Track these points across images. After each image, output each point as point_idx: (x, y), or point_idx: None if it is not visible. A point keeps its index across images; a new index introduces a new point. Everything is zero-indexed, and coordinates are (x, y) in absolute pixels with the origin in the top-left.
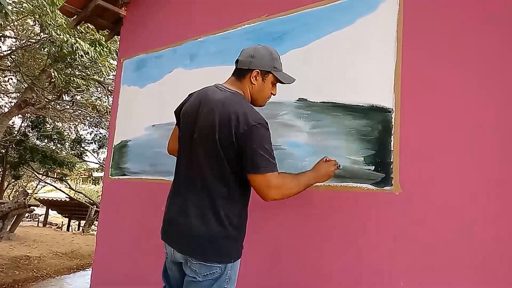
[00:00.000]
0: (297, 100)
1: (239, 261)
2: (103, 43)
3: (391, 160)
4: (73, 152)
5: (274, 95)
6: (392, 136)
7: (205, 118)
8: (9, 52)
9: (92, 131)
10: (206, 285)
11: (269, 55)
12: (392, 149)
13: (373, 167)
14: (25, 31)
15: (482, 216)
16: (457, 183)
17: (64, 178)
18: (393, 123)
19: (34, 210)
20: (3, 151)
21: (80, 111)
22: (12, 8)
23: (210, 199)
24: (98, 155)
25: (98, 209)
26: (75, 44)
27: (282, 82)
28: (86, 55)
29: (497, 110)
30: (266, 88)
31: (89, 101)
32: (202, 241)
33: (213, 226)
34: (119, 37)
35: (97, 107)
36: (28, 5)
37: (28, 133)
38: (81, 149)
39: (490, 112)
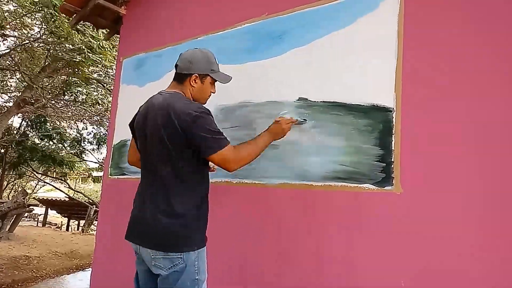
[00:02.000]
0: (298, 100)
1: (204, 250)
2: (100, 39)
3: (392, 160)
4: (72, 151)
5: (213, 93)
6: (393, 136)
7: (151, 121)
8: (8, 50)
9: (91, 131)
10: (174, 278)
11: (206, 58)
12: (393, 148)
13: (374, 166)
14: (24, 29)
15: (482, 216)
16: (457, 183)
17: (63, 178)
18: (394, 123)
19: (34, 210)
20: (3, 150)
21: (79, 110)
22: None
23: (165, 193)
24: (98, 151)
25: (98, 209)
26: (77, 39)
27: (221, 81)
28: (88, 51)
29: (497, 109)
30: (206, 88)
31: (89, 100)
32: (161, 233)
33: (170, 218)
34: (118, 36)
35: (97, 105)
36: (28, 4)
37: (28, 133)
38: (81, 148)
39: (490, 112)
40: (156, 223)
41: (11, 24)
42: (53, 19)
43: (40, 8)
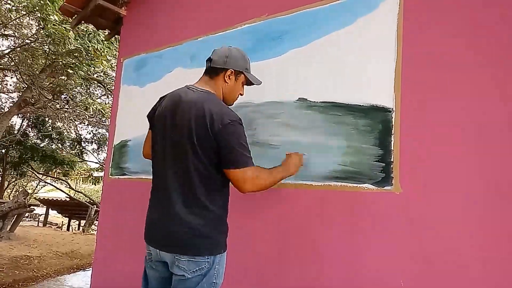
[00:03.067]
0: (297, 100)
1: (225, 255)
2: (101, 37)
3: (391, 160)
4: (73, 151)
5: (242, 95)
6: (392, 136)
7: (181, 118)
8: (8, 51)
9: (91, 131)
10: (195, 281)
11: (242, 56)
12: (392, 148)
13: (373, 166)
14: (24, 29)
15: (482, 215)
16: (457, 183)
17: (64, 178)
18: (393, 123)
19: (34, 210)
20: (3, 150)
21: (79, 111)
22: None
23: (193, 195)
24: (98, 154)
25: (98, 209)
26: (75, 40)
27: (251, 83)
28: (86, 51)
29: (497, 110)
30: (237, 87)
31: (88, 101)
32: (190, 238)
33: (199, 221)
34: (119, 36)
35: (96, 108)
36: (28, 3)
37: (29, 133)
38: (81, 148)
39: (490, 112)
40: (186, 228)
41: (10, 24)
42: (46, 23)
43: (36, 10)
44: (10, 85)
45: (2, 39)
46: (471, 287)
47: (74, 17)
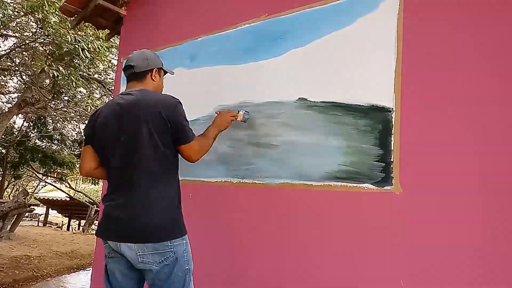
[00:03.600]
0: (297, 100)
1: (188, 240)
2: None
3: (391, 160)
4: (73, 152)
5: (163, 87)
6: (392, 136)
7: (129, 119)
8: (8, 51)
9: None
10: (167, 272)
11: (155, 55)
12: (392, 148)
13: (373, 166)
14: (24, 29)
15: (482, 215)
16: (457, 183)
17: (64, 178)
18: (393, 123)
19: (34, 210)
20: (4, 151)
21: (80, 111)
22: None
23: (150, 184)
24: None
25: (98, 209)
26: (75, 41)
27: (171, 73)
28: (87, 51)
29: (497, 109)
30: (162, 82)
31: (88, 101)
32: (150, 225)
33: (159, 209)
34: (119, 36)
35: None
36: (27, 3)
37: (29, 133)
38: (81, 149)
39: (490, 112)
40: (146, 215)
41: (10, 24)
42: (45, 23)
43: (35, 10)
44: (10, 86)
45: (3, 39)
46: (471, 287)
47: (74, 17)
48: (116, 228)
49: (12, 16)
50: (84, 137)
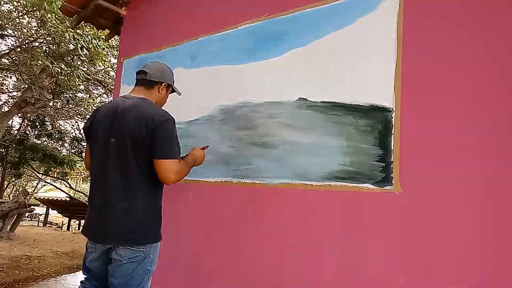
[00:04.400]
0: (297, 100)
1: (159, 244)
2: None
3: (391, 160)
4: (73, 151)
5: (165, 103)
6: (392, 136)
7: (121, 122)
8: (7, 51)
9: None
10: (130, 267)
11: (171, 71)
12: (392, 148)
13: (373, 166)
14: (23, 29)
15: (482, 215)
16: (457, 183)
17: (64, 177)
18: (393, 123)
19: (34, 210)
20: (3, 150)
21: (80, 110)
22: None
23: (133, 191)
24: None
25: None
26: (74, 40)
27: (178, 93)
28: (87, 50)
29: (497, 109)
30: (166, 98)
31: (88, 100)
32: (129, 230)
33: (138, 216)
34: (119, 36)
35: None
36: (26, 3)
37: (28, 132)
38: (81, 147)
39: (490, 112)
40: (124, 220)
41: (10, 24)
42: (45, 23)
43: (34, 9)
44: (10, 83)
45: (2, 39)
46: (471, 286)
47: (74, 17)
48: (96, 230)
49: (12, 16)
50: (84, 134)
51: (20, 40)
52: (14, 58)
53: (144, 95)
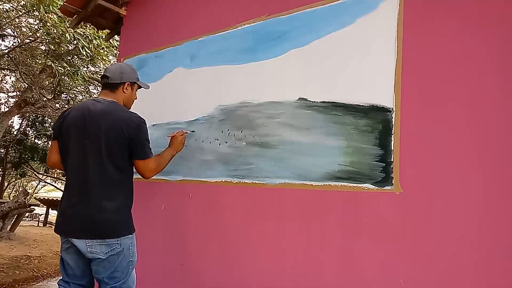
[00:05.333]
0: (297, 100)
1: (134, 236)
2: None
3: (391, 160)
4: None
5: (136, 99)
6: (392, 136)
7: (93, 125)
8: (7, 50)
9: None
10: (112, 260)
11: (132, 69)
12: (392, 148)
13: (374, 166)
14: (23, 28)
15: (482, 215)
16: (457, 183)
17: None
18: (393, 123)
19: (35, 210)
20: (3, 150)
21: None
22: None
23: (107, 189)
24: None
25: None
26: (75, 39)
27: (145, 87)
28: (87, 49)
29: (497, 109)
30: (133, 94)
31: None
32: (103, 224)
33: (110, 211)
34: (119, 36)
35: None
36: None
37: (28, 132)
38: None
39: (490, 112)
40: (99, 215)
41: (9, 23)
42: (44, 22)
43: (34, 9)
44: (8, 83)
45: (1, 39)
46: (471, 286)
47: (74, 17)
48: (68, 225)
49: (11, 15)
50: (52, 132)
51: (20, 39)
52: (13, 58)
53: (112, 98)
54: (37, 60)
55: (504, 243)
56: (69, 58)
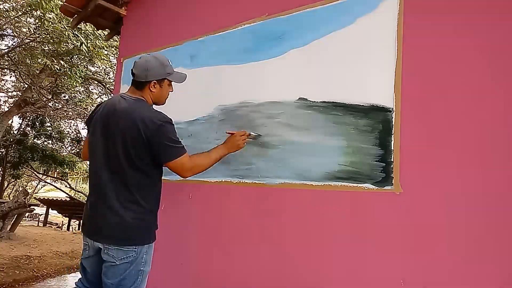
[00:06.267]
0: (297, 100)
1: (153, 245)
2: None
3: (391, 160)
4: (72, 151)
5: (171, 91)
6: (392, 136)
7: (114, 125)
8: (7, 50)
9: None
10: (123, 268)
11: (160, 64)
12: (392, 148)
13: (374, 166)
14: (23, 28)
15: (482, 215)
16: (457, 183)
17: (64, 177)
18: (393, 123)
19: (34, 210)
20: (3, 150)
21: (79, 110)
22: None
23: (127, 192)
24: None
25: None
26: (74, 36)
27: (177, 82)
28: (86, 47)
29: (497, 109)
30: (164, 90)
31: (88, 100)
32: (121, 230)
33: (130, 215)
34: (119, 36)
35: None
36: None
37: (28, 132)
38: (81, 147)
39: (490, 112)
40: (117, 218)
41: (9, 23)
42: (44, 21)
43: (33, 9)
44: (7, 82)
45: (1, 39)
46: (471, 286)
47: (74, 17)
48: (89, 227)
49: (10, 15)
50: (85, 126)
51: (19, 39)
52: (13, 57)
53: (139, 95)
54: (37, 60)
55: (504, 243)
56: (69, 58)
